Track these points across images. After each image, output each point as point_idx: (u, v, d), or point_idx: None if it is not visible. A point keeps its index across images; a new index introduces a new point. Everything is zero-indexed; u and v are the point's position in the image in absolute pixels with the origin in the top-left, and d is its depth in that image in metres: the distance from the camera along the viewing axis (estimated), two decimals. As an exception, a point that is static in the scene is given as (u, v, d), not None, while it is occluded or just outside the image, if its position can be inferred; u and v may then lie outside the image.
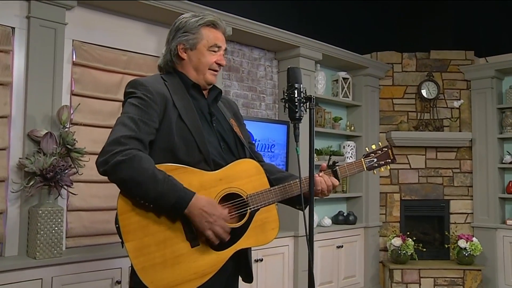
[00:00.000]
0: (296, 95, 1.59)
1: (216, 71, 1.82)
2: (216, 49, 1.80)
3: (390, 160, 1.96)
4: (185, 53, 1.79)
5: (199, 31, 1.78)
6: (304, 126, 4.42)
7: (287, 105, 1.60)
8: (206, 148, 1.68)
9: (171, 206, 1.54)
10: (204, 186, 1.63)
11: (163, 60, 1.85)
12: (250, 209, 1.70)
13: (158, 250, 1.56)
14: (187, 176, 1.61)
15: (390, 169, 5.33)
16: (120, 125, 1.61)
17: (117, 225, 1.57)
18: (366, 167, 1.93)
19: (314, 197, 1.82)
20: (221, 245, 1.64)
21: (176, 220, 1.59)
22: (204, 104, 1.82)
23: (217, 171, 1.68)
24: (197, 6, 3.52)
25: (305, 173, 1.71)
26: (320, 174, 1.84)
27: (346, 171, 1.88)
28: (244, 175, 1.72)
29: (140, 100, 1.65)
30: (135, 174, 1.51)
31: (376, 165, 1.94)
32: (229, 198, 1.70)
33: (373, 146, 1.99)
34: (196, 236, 1.60)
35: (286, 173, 1.95)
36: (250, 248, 1.82)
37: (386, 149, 1.96)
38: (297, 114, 1.59)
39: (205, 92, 1.84)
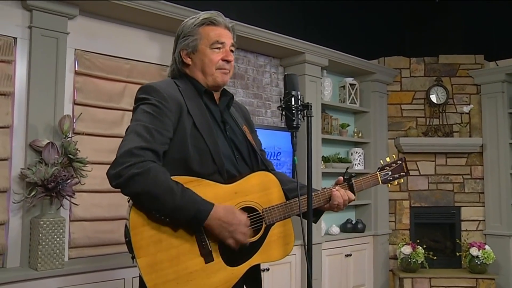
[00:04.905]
0: (293, 103, 1.56)
1: (225, 69, 1.72)
2: (219, 45, 1.70)
3: (404, 173, 1.98)
4: (189, 57, 1.73)
5: (197, 32, 1.71)
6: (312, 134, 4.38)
7: (284, 113, 1.56)
8: (220, 159, 1.63)
9: (190, 218, 1.49)
10: (218, 200, 1.57)
11: (170, 70, 1.80)
12: (265, 223, 1.66)
13: (171, 266, 1.50)
14: (202, 189, 1.55)
15: (399, 175, 5.24)
16: (133, 134, 1.51)
17: (127, 239, 1.51)
18: (381, 181, 1.93)
19: (330, 211, 1.84)
20: (236, 261, 1.60)
21: (190, 235, 1.54)
22: (217, 112, 1.75)
23: (232, 184, 1.64)
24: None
25: (314, 183, 1.67)
26: (336, 188, 1.82)
27: (362, 185, 1.88)
28: (260, 188, 1.67)
29: (154, 108, 1.56)
30: (151, 188, 1.45)
31: (391, 178, 1.95)
32: (245, 212, 1.64)
33: (388, 159, 2.00)
34: (210, 251, 1.56)
35: (298, 183, 1.92)
36: None
37: (400, 162, 1.98)
38: (294, 122, 1.56)
39: (216, 97, 1.77)
